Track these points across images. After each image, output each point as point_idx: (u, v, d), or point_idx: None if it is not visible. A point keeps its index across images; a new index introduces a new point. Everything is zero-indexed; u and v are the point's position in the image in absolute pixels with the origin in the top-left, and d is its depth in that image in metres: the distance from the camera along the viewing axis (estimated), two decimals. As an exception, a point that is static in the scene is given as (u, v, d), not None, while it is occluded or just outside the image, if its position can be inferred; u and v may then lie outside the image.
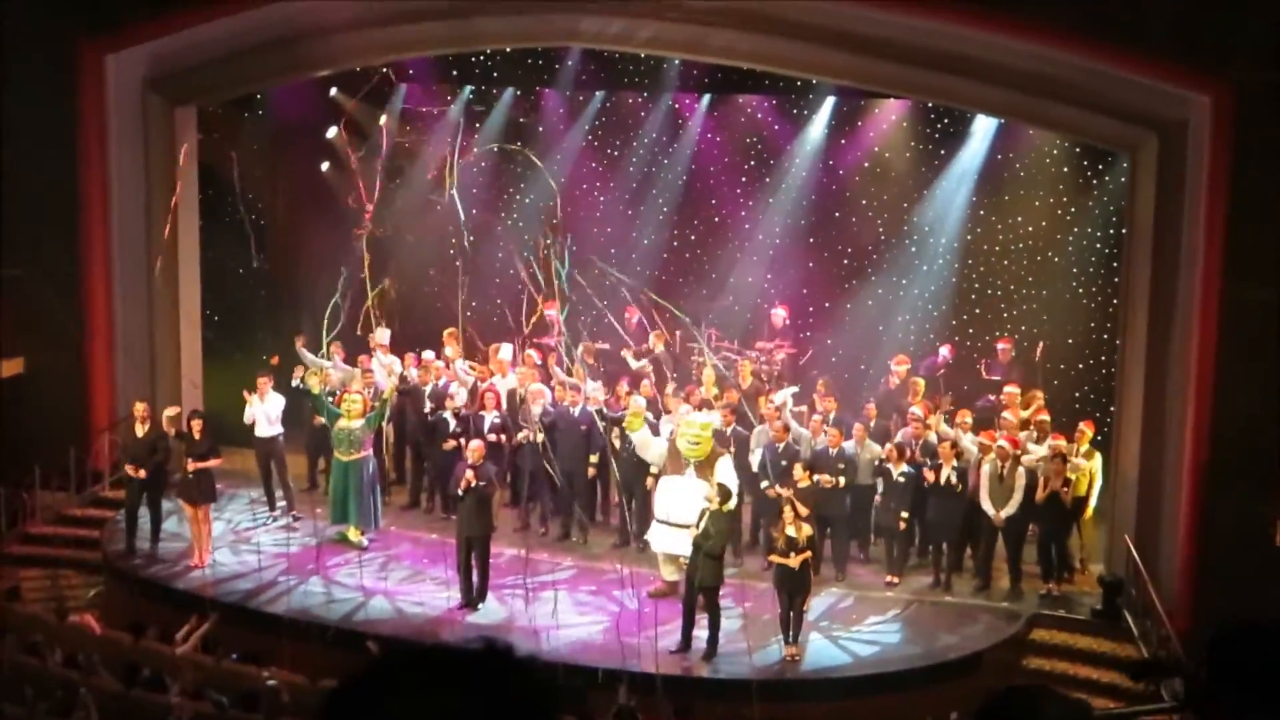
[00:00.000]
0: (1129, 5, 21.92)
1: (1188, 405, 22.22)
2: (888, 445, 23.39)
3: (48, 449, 27.02)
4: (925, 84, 24.57)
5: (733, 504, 21.30)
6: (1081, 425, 23.70)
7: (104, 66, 27.43)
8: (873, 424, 24.48)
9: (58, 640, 20.26)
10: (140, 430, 24.79)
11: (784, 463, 23.08)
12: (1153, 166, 22.77)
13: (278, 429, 25.86)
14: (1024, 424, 24.06)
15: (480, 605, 22.20)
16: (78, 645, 19.77)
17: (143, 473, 24.59)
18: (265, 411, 25.68)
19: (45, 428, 27.45)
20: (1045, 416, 24.08)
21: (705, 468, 21.92)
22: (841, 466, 23.13)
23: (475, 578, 22.32)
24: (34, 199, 27.46)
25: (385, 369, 26.66)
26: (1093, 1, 22.04)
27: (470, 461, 22.40)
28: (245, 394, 25.81)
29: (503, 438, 24.87)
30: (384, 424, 25.58)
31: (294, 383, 26.70)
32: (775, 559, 21.04)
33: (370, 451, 24.44)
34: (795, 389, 25.89)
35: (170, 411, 25.11)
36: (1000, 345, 26.79)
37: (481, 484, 22.19)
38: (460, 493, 22.47)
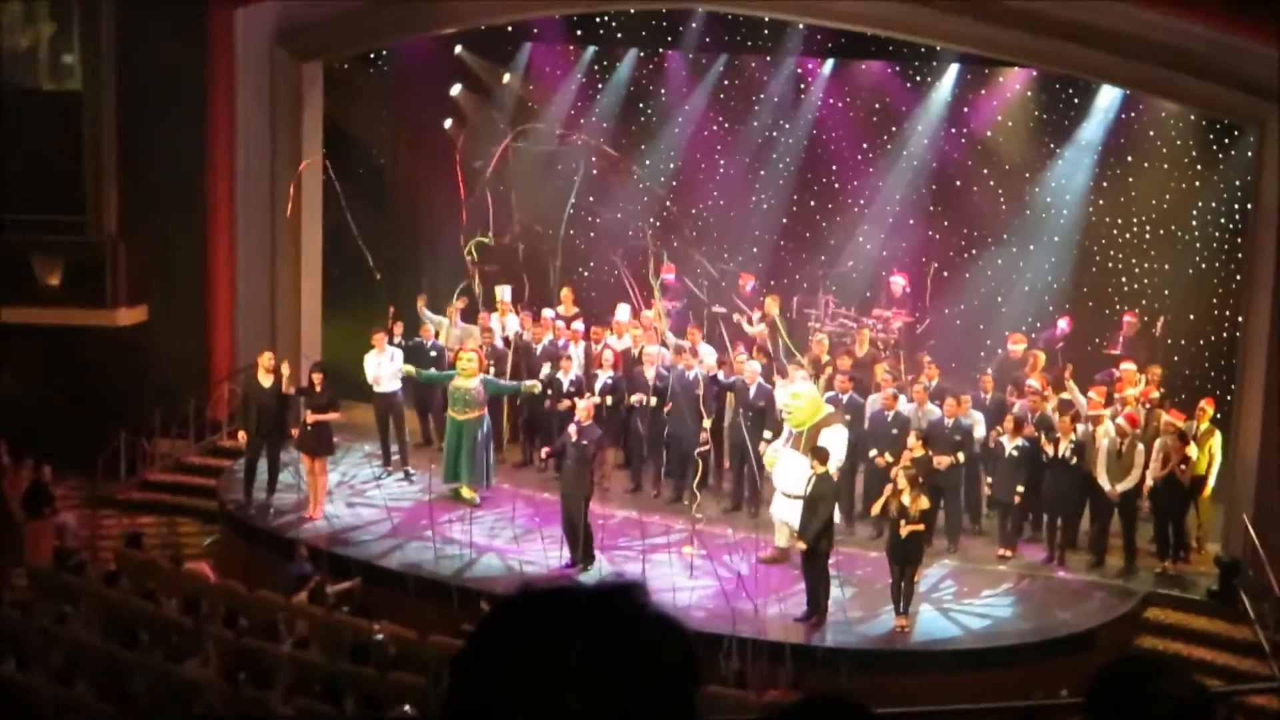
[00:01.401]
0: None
1: (1311, 385, 21.82)
2: (1006, 417, 23.02)
3: (168, 397, 27.20)
4: (1050, 53, 24.23)
5: (833, 466, 20.97)
6: (1202, 403, 23.26)
7: (233, 21, 27.53)
8: (988, 396, 24.16)
9: (173, 587, 20.39)
10: (266, 380, 24.71)
11: (894, 431, 22.83)
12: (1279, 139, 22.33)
13: (397, 385, 25.80)
14: (1137, 399, 23.69)
15: (589, 565, 22.03)
16: (193, 593, 19.86)
17: (242, 435, 24.79)
18: (391, 368, 25.60)
19: (166, 376, 27.64)
20: (1156, 393, 23.69)
21: (808, 439, 21.61)
22: (958, 438, 22.80)
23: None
24: (163, 152, 27.66)
25: (501, 328, 26.67)
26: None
27: (577, 420, 22.27)
28: (376, 340, 25.79)
29: (609, 399, 24.72)
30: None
31: (397, 340, 26.47)
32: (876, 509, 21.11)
33: (485, 410, 24.35)
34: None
35: (286, 370, 25.00)
36: (1126, 318, 26.36)
37: (583, 444, 22.04)
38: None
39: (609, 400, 24.66)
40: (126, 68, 28.08)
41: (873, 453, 23.08)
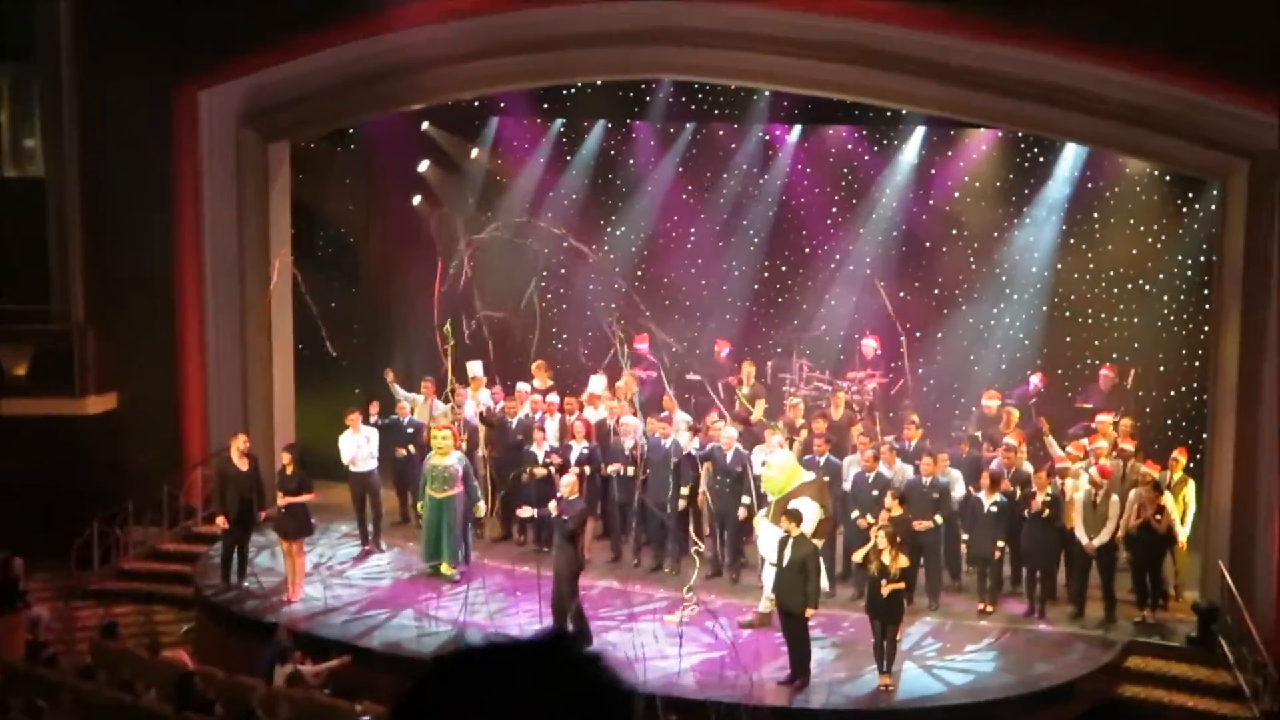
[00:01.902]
0: (1218, 32, 22.01)
1: (1281, 431, 22.29)
2: (984, 474, 23.53)
3: (141, 484, 27.40)
4: (1015, 113, 24.70)
5: (807, 528, 21.38)
6: (1174, 453, 23.82)
7: (198, 103, 27.89)
8: (965, 454, 24.65)
9: (151, 676, 20.53)
10: (241, 464, 25.05)
11: (875, 492, 23.27)
12: (1243, 193, 22.79)
13: (373, 464, 26.22)
14: (1110, 450, 24.15)
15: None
16: (181, 676, 19.97)
17: (221, 520, 25.03)
18: (368, 449, 26.07)
19: (138, 463, 27.84)
20: (1130, 445, 24.13)
21: (778, 507, 22.05)
22: (936, 497, 23.29)
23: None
24: (130, 236, 27.96)
25: (475, 403, 27.04)
26: (1182, 29, 22.12)
27: (560, 495, 22.63)
28: (350, 420, 26.25)
29: (587, 469, 25.15)
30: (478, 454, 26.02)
31: (374, 419, 26.96)
32: (857, 557, 21.53)
33: (462, 488, 24.75)
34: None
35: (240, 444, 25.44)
36: (1102, 371, 26.85)
37: (564, 519, 22.27)
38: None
39: (586, 470, 25.05)
40: (90, 152, 28.43)
41: (854, 514, 23.49)
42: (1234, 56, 21.84)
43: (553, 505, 22.49)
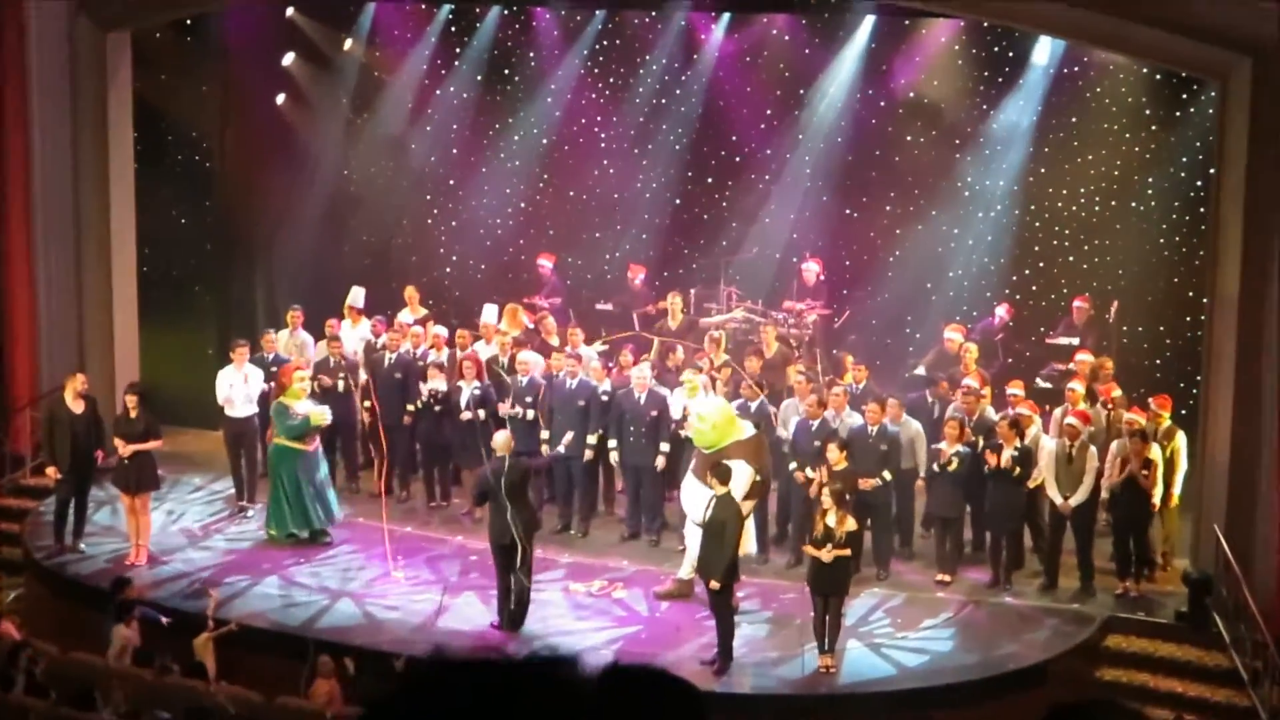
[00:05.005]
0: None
1: (1288, 375, 22.13)
2: (949, 422, 23.21)
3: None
4: (979, 1, 24.41)
5: (736, 490, 21.01)
6: (1153, 401, 23.51)
7: (22, -15, 27.35)
8: (932, 399, 24.46)
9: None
10: (77, 407, 24.58)
11: (817, 442, 22.92)
12: (1245, 95, 22.50)
13: (253, 408, 25.76)
14: (1091, 395, 23.94)
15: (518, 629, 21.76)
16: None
17: (51, 471, 24.64)
18: (245, 391, 25.55)
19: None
20: (1114, 390, 24.00)
21: (712, 467, 21.60)
22: (884, 449, 22.98)
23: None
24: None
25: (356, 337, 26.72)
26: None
27: (497, 453, 21.85)
28: (236, 354, 25.87)
29: (481, 413, 24.74)
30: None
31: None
32: (809, 550, 20.95)
33: (318, 445, 24.50)
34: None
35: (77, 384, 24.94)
36: (1076, 303, 26.66)
37: (512, 482, 21.57)
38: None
39: (481, 414, 24.62)
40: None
41: (792, 465, 23.16)
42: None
43: (487, 469, 21.82)
